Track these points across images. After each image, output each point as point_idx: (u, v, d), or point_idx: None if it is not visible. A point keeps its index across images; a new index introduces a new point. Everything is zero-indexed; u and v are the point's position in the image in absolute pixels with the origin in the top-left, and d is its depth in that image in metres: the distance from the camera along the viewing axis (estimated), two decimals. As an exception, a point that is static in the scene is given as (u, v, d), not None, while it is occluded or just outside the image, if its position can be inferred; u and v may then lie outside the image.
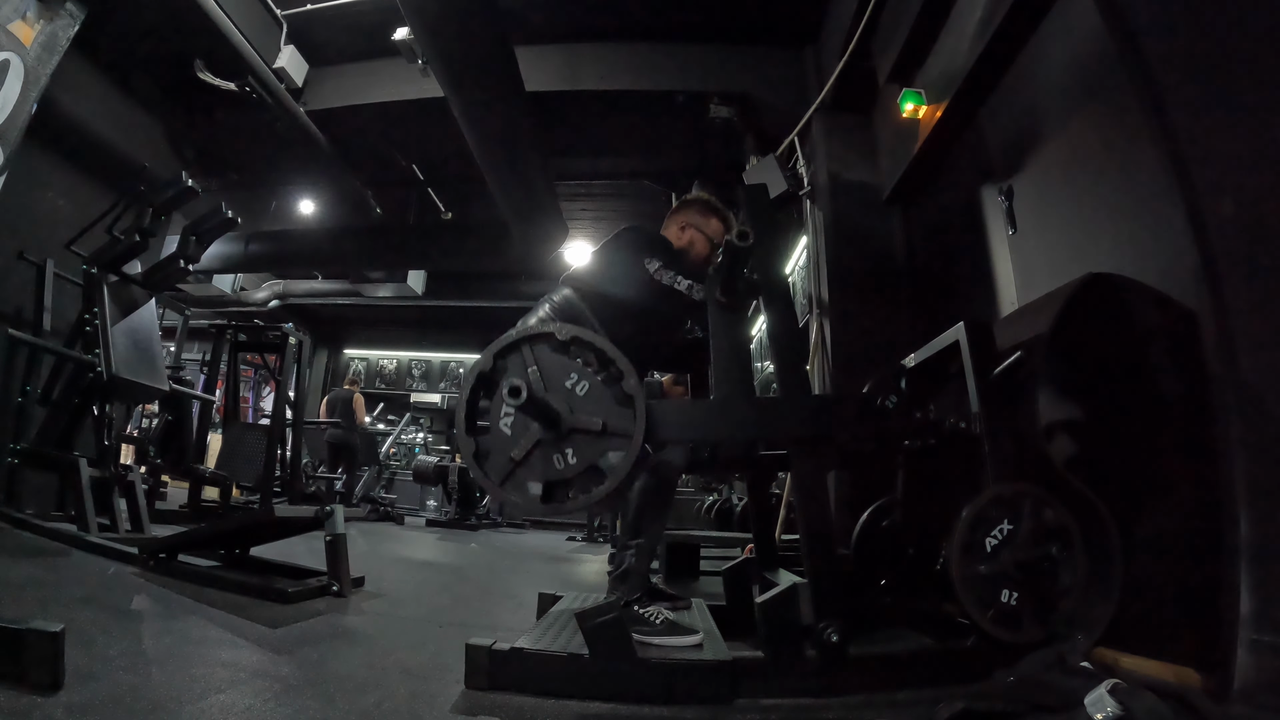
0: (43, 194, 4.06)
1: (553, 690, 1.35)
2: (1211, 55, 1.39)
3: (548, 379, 1.43)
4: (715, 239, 2.09)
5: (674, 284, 1.75)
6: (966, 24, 2.69)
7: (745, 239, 1.50)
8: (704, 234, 2.08)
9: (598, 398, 1.42)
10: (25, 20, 3.24)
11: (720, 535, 4.24)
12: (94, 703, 1.08)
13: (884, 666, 1.51)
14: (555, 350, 1.45)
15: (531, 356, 1.44)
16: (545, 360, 1.44)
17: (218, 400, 5.98)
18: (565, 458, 1.39)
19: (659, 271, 1.79)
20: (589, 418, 1.40)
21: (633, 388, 1.40)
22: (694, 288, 1.74)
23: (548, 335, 1.45)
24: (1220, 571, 1.29)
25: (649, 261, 1.82)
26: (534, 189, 5.05)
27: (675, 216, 2.14)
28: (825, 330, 3.62)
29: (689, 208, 2.14)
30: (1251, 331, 1.30)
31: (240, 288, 9.12)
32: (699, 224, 2.09)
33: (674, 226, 2.12)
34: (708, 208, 2.13)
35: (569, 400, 1.41)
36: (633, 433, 1.38)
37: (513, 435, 1.40)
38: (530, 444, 1.39)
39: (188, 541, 2.49)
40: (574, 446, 1.39)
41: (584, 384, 1.43)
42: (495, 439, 1.41)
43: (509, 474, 1.40)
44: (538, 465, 1.39)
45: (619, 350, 1.43)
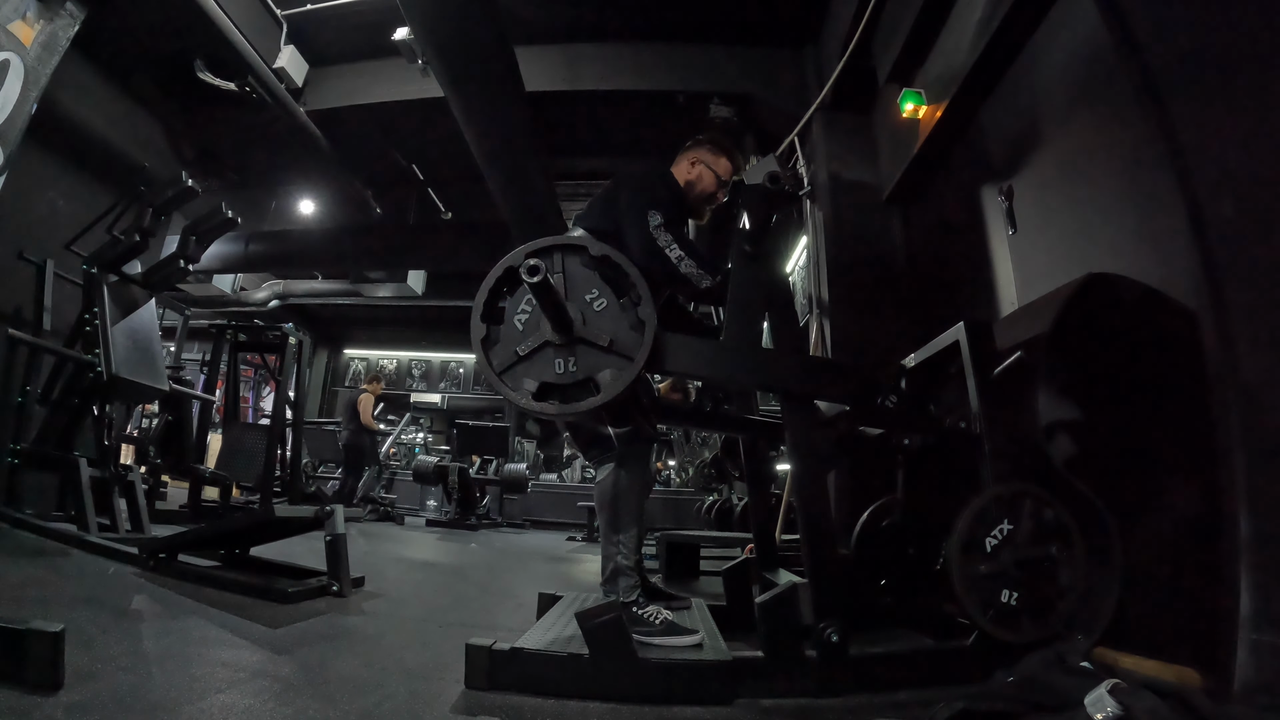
0: (43, 194, 4.06)
1: (553, 690, 1.35)
2: (1211, 55, 1.39)
3: (570, 287, 1.47)
4: (723, 176, 2.12)
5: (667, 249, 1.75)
6: (966, 24, 2.69)
7: (777, 181, 1.50)
8: (713, 171, 2.11)
9: (612, 316, 1.45)
10: (25, 20, 3.24)
11: (720, 535, 4.24)
12: (94, 703, 1.08)
13: (884, 666, 1.51)
14: (585, 264, 1.49)
15: (561, 263, 1.48)
16: (572, 270, 1.48)
17: (218, 400, 5.98)
18: (566, 363, 1.42)
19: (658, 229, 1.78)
20: (599, 332, 1.43)
21: (646, 315, 1.43)
22: (684, 261, 1.73)
23: (581, 248, 1.48)
24: (1220, 571, 1.29)
25: (652, 214, 1.81)
26: (534, 189, 5.05)
27: (687, 152, 2.18)
28: (825, 330, 3.62)
29: (700, 145, 2.17)
30: (1251, 331, 1.30)
31: (240, 288, 9.12)
32: (709, 161, 2.12)
33: (685, 162, 2.15)
34: (719, 147, 2.17)
35: (584, 311, 1.45)
36: (635, 356, 1.41)
37: (524, 331, 1.45)
38: (538, 342, 1.42)
39: (188, 541, 2.49)
40: (577, 355, 1.42)
41: (602, 300, 1.46)
42: (507, 330, 1.46)
43: (510, 365, 1.43)
44: (539, 364, 1.43)
45: (640, 274, 1.46)
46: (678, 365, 1.54)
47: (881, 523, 2.12)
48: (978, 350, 1.65)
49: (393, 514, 7.13)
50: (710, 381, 1.95)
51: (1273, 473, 1.24)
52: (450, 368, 11.77)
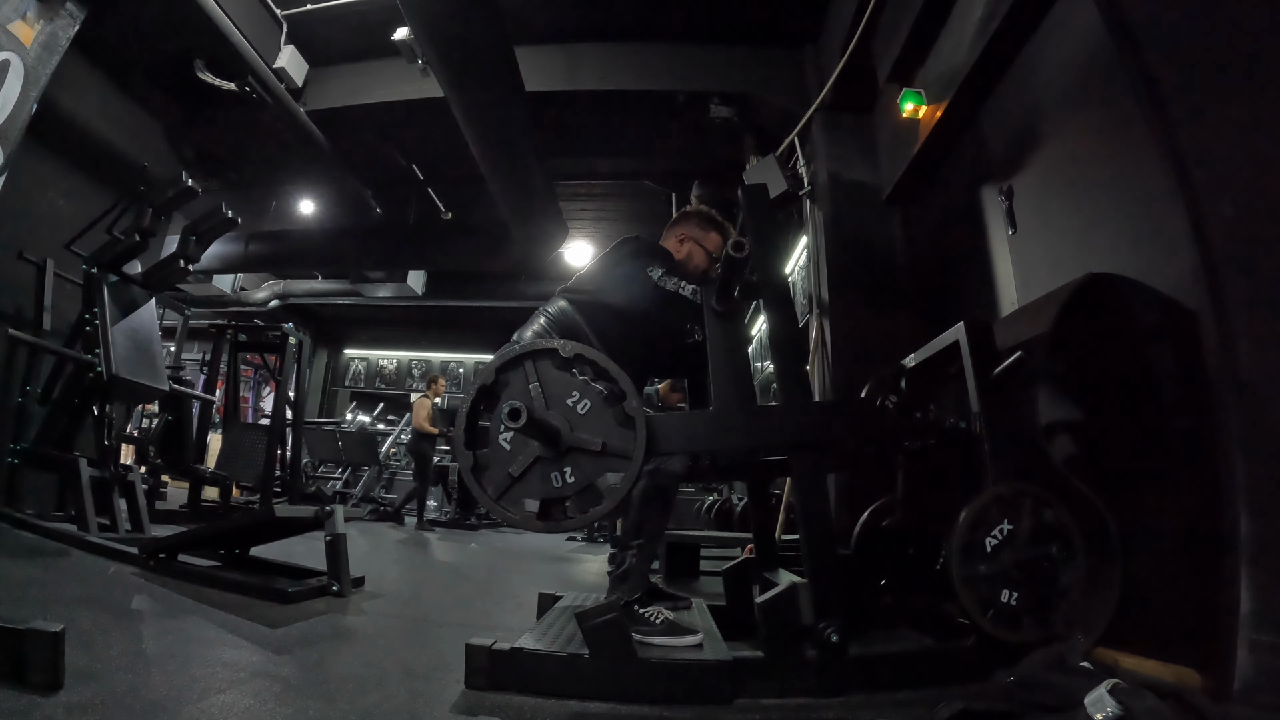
0: (43, 194, 4.06)
1: (553, 690, 1.35)
2: (1211, 55, 1.39)
3: (549, 395, 1.42)
4: (714, 252, 2.09)
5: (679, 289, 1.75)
6: (966, 24, 2.69)
7: (741, 249, 1.49)
8: (703, 247, 2.09)
9: (598, 417, 1.41)
10: (25, 20, 3.24)
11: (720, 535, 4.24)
12: (94, 703, 1.08)
13: (884, 666, 1.51)
14: (558, 366, 1.44)
15: (534, 372, 1.43)
16: (548, 376, 1.43)
17: (218, 400, 5.98)
18: (563, 476, 1.38)
19: (663, 278, 1.79)
20: (589, 437, 1.39)
21: (634, 409, 1.39)
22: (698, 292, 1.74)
23: (551, 351, 1.44)
24: (1220, 571, 1.29)
25: (652, 270, 1.82)
26: (534, 189, 5.05)
27: (674, 229, 2.15)
28: (825, 330, 3.62)
29: (688, 220, 2.14)
30: (1251, 331, 1.30)
31: (240, 288, 9.12)
32: (698, 237, 2.10)
33: (673, 239, 2.13)
34: (706, 220, 2.14)
35: (569, 418, 1.40)
36: (632, 455, 1.38)
37: (512, 451, 1.39)
38: (529, 461, 1.38)
39: (188, 541, 2.49)
40: (573, 465, 1.38)
41: (585, 402, 1.42)
42: (494, 453, 1.40)
43: (506, 489, 1.39)
44: (535, 482, 1.38)
45: (620, 368, 1.42)
46: (674, 446, 1.51)
47: (881, 523, 2.12)
48: (978, 350, 1.65)
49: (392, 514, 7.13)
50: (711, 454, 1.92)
51: (1273, 473, 1.24)
52: (450, 368, 11.77)
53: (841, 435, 1.69)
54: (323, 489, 7.18)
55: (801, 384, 1.65)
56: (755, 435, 1.60)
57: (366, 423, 9.22)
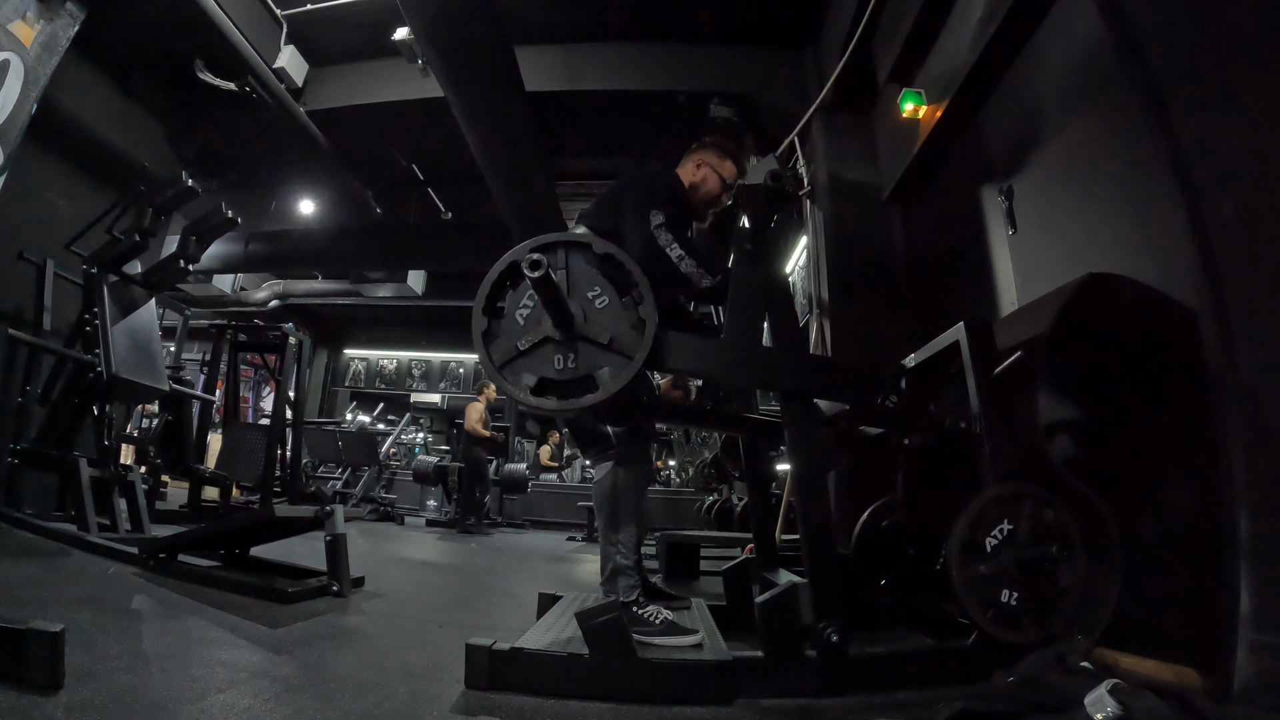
0: (43, 194, 4.06)
1: (553, 690, 1.35)
2: (1211, 55, 1.39)
3: (573, 284, 1.46)
4: (728, 179, 2.12)
5: (666, 248, 1.75)
6: (966, 24, 2.69)
7: (778, 180, 1.51)
8: (717, 173, 2.11)
9: (613, 315, 1.45)
10: (25, 20, 3.24)
11: (720, 535, 4.24)
12: (94, 703, 1.08)
13: (884, 666, 1.51)
14: (588, 262, 1.48)
15: (565, 259, 1.48)
16: (576, 267, 1.48)
17: (218, 400, 5.98)
18: (566, 360, 1.42)
19: (659, 229, 1.78)
20: (599, 330, 1.43)
21: (648, 314, 1.43)
22: (684, 260, 1.73)
23: (585, 245, 1.48)
24: (1220, 571, 1.29)
25: (654, 214, 1.81)
26: (534, 189, 5.05)
27: (692, 154, 2.17)
28: (825, 330, 3.62)
29: (706, 148, 2.17)
30: (1251, 331, 1.30)
31: (240, 288, 9.12)
32: (714, 163, 2.12)
33: (690, 164, 2.15)
34: (724, 150, 2.17)
35: (585, 309, 1.45)
36: (634, 355, 1.41)
37: (524, 326, 1.44)
38: (538, 338, 1.42)
39: (188, 541, 2.49)
40: (577, 352, 1.42)
41: (604, 298, 1.46)
42: (507, 324, 1.45)
43: (510, 359, 1.43)
44: (538, 360, 1.43)
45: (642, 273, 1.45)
46: (677, 363, 1.54)
47: (881, 523, 2.12)
48: (978, 350, 1.65)
49: (392, 514, 7.13)
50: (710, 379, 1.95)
51: (1273, 473, 1.24)
52: (450, 368, 11.76)
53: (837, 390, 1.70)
54: (323, 489, 7.18)
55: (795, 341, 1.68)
56: (753, 372, 1.61)
57: (366, 423, 9.21)
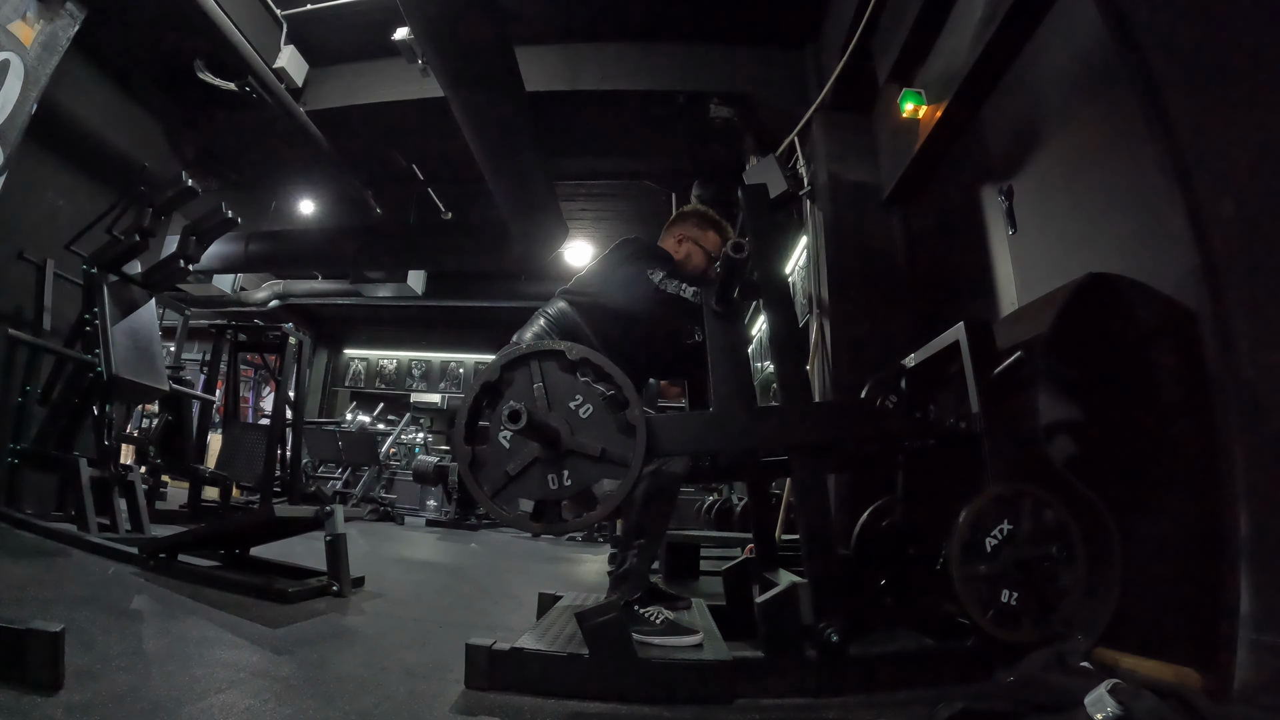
0: (43, 194, 4.05)
1: (553, 690, 1.35)
2: (1211, 55, 1.39)
3: (552, 397, 1.42)
4: (712, 252, 2.09)
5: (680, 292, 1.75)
6: (966, 24, 2.69)
7: (740, 250, 1.49)
8: (701, 247, 2.09)
9: (600, 422, 1.41)
10: (25, 20, 3.23)
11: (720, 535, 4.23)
12: (94, 703, 1.08)
13: (884, 666, 1.51)
14: (563, 369, 1.44)
15: (539, 373, 1.43)
16: (552, 378, 1.43)
17: (218, 400, 5.98)
18: (560, 478, 1.38)
19: (664, 281, 1.79)
20: (589, 442, 1.39)
21: (635, 417, 1.39)
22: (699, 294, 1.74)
23: (558, 353, 1.44)
24: (1220, 571, 1.29)
25: (652, 272, 1.82)
26: (534, 189, 5.05)
27: (672, 229, 2.15)
28: (825, 330, 3.62)
29: (686, 220, 2.15)
30: (1251, 331, 1.30)
31: (240, 288, 9.12)
32: (696, 236, 2.10)
33: (671, 239, 2.13)
34: (705, 220, 2.14)
35: (570, 421, 1.40)
36: (630, 463, 1.38)
37: (510, 450, 1.39)
38: (527, 460, 1.38)
39: (188, 541, 2.48)
40: (570, 468, 1.38)
41: (587, 407, 1.41)
42: (493, 451, 1.40)
43: (502, 488, 1.39)
44: (532, 482, 1.38)
45: (623, 372, 1.42)
46: (674, 449, 1.52)
47: (881, 523, 2.12)
48: (978, 350, 1.65)
49: (392, 514, 7.13)
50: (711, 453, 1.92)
51: (1273, 473, 1.24)
52: (450, 368, 11.77)
53: (841, 436, 1.69)
54: (323, 489, 7.18)
55: (802, 384, 1.66)
56: (755, 436, 1.59)
57: (366, 423, 9.21)
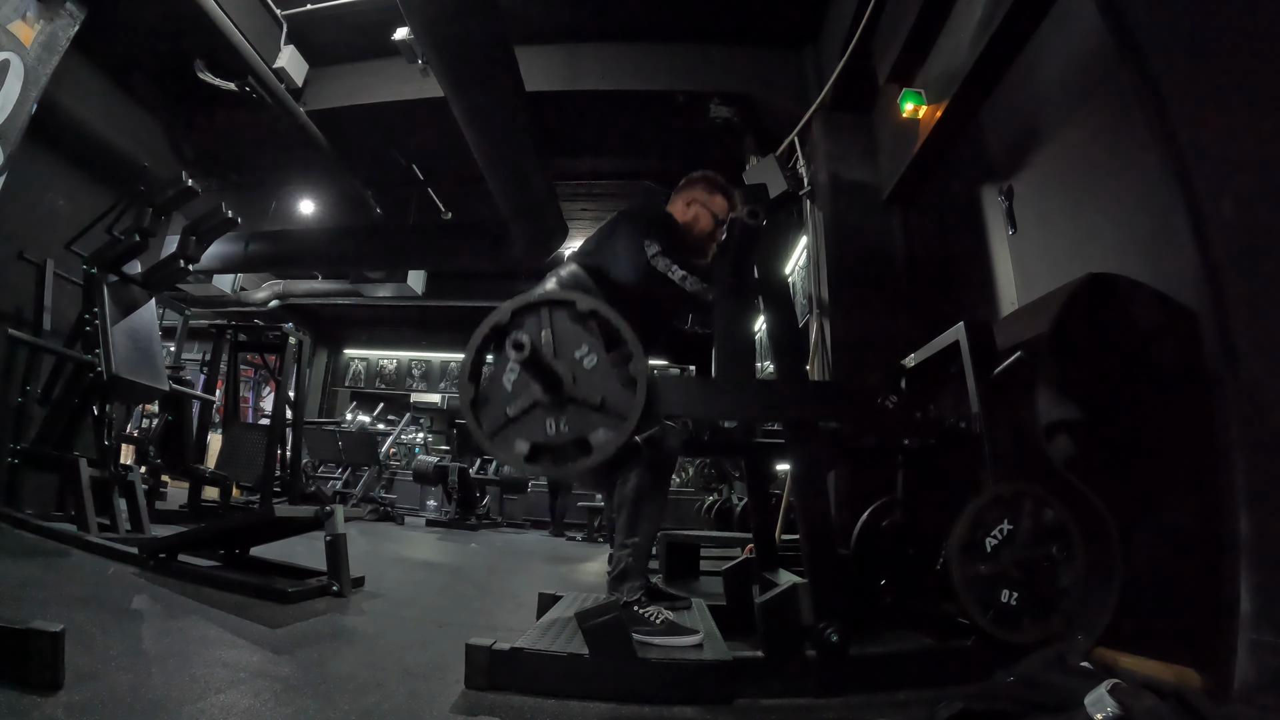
0: (43, 194, 4.05)
1: (553, 690, 1.35)
2: (1211, 55, 1.39)
3: (559, 344, 1.44)
4: (719, 215, 2.11)
5: (668, 272, 1.75)
6: (966, 24, 2.69)
7: (756, 217, 1.50)
8: (709, 210, 2.11)
9: (603, 374, 1.42)
10: (25, 20, 3.23)
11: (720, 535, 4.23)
12: (94, 703, 1.08)
13: (884, 666, 1.51)
14: (573, 319, 1.46)
15: (549, 319, 1.45)
16: (561, 326, 1.45)
17: (218, 400, 5.98)
18: (558, 424, 1.39)
19: (656, 258, 1.78)
20: (589, 391, 1.40)
21: (638, 372, 1.41)
22: (688, 280, 1.74)
23: (569, 303, 1.46)
24: (1220, 572, 1.29)
25: (648, 244, 1.82)
26: (534, 189, 5.05)
27: (681, 192, 2.17)
28: (825, 330, 3.62)
29: (695, 185, 2.16)
30: (1251, 331, 1.30)
31: (240, 288, 9.12)
32: (704, 200, 2.12)
33: (680, 202, 2.15)
34: (713, 185, 2.16)
35: (574, 370, 1.42)
36: (628, 415, 1.39)
37: (513, 391, 1.42)
38: (527, 404, 1.40)
39: (188, 541, 2.48)
40: (568, 415, 1.40)
41: (593, 357, 1.43)
42: (495, 391, 1.42)
43: (500, 428, 1.41)
44: (529, 425, 1.40)
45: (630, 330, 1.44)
46: (674, 409, 1.52)
47: (881, 523, 2.12)
48: (978, 350, 1.65)
49: (392, 514, 7.13)
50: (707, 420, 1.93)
51: (1273, 473, 1.24)
52: (450, 368, 11.76)
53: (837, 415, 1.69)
54: (323, 489, 7.18)
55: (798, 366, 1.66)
56: (753, 406, 1.60)
57: (366, 423, 9.21)
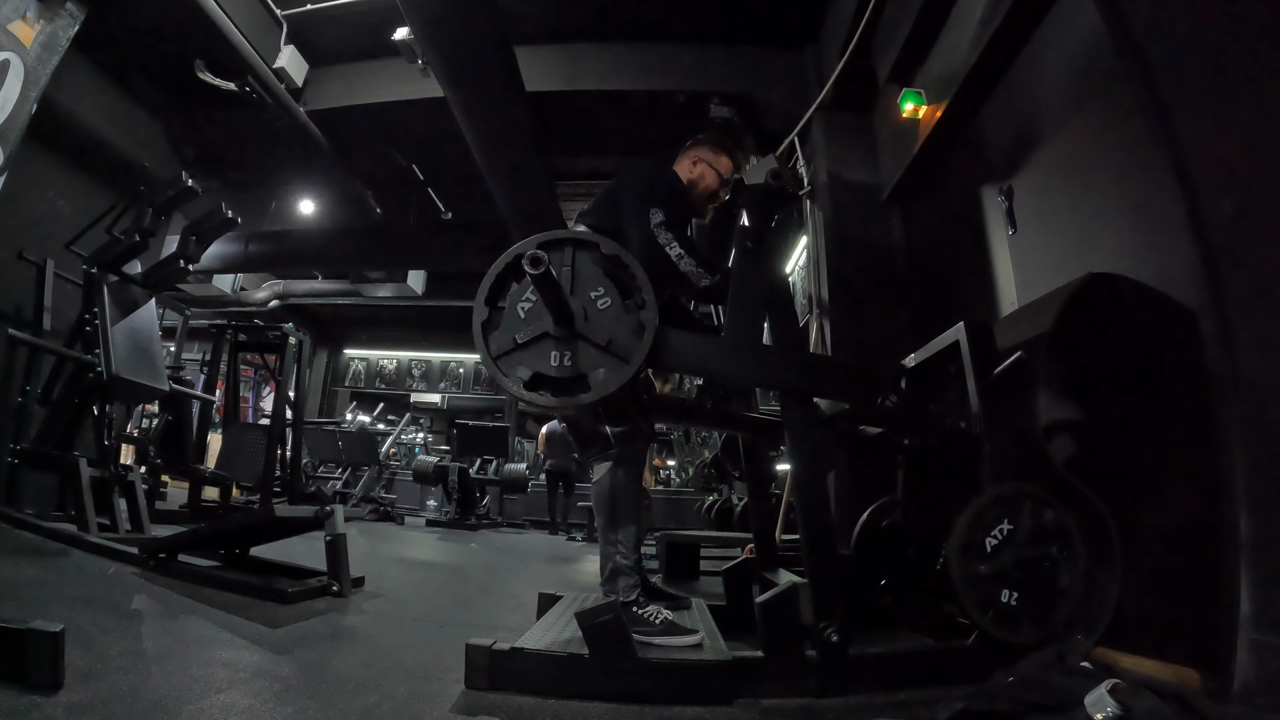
0: (43, 194, 4.06)
1: (553, 690, 1.35)
2: (1211, 55, 1.39)
3: (576, 283, 1.47)
4: (725, 175, 2.13)
5: (666, 246, 1.76)
6: (966, 24, 2.69)
7: (779, 179, 1.51)
8: (714, 169, 2.12)
9: (614, 316, 1.45)
10: (25, 20, 3.24)
11: (720, 535, 4.24)
12: (94, 703, 1.08)
13: (884, 666, 1.51)
14: (594, 261, 1.49)
15: (571, 257, 1.48)
16: (581, 266, 1.48)
17: (218, 400, 5.98)
18: (563, 357, 1.42)
19: (659, 228, 1.79)
20: (598, 331, 1.43)
21: (648, 319, 1.43)
22: (683, 259, 1.74)
23: (593, 245, 1.49)
24: (1220, 571, 1.29)
25: (654, 212, 1.81)
26: (534, 189, 5.05)
27: (689, 151, 2.18)
28: (825, 330, 3.62)
29: (701, 144, 2.18)
30: (1251, 331, 1.30)
31: (240, 288, 9.12)
32: (710, 159, 2.13)
33: (686, 160, 2.16)
34: (719, 145, 2.18)
35: (587, 308, 1.45)
36: (631, 359, 1.41)
37: (525, 320, 1.45)
38: (537, 333, 1.43)
39: (188, 541, 2.48)
40: (575, 350, 1.43)
41: (607, 300, 1.46)
42: (508, 316, 1.46)
43: (507, 352, 1.44)
44: (535, 354, 1.43)
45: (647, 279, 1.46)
46: (678, 362, 1.54)
47: (881, 523, 2.12)
48: (978, 350, 1.65)
49: (392, 514, 7.13)
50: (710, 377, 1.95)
51: (1273, 473, 1.24)
52: (450, 368, 11.77)
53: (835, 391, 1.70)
54: (323, 489, 7.18)
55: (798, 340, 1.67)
56: (753, 369, 1.61)
57: (366, 423, 9.21)
